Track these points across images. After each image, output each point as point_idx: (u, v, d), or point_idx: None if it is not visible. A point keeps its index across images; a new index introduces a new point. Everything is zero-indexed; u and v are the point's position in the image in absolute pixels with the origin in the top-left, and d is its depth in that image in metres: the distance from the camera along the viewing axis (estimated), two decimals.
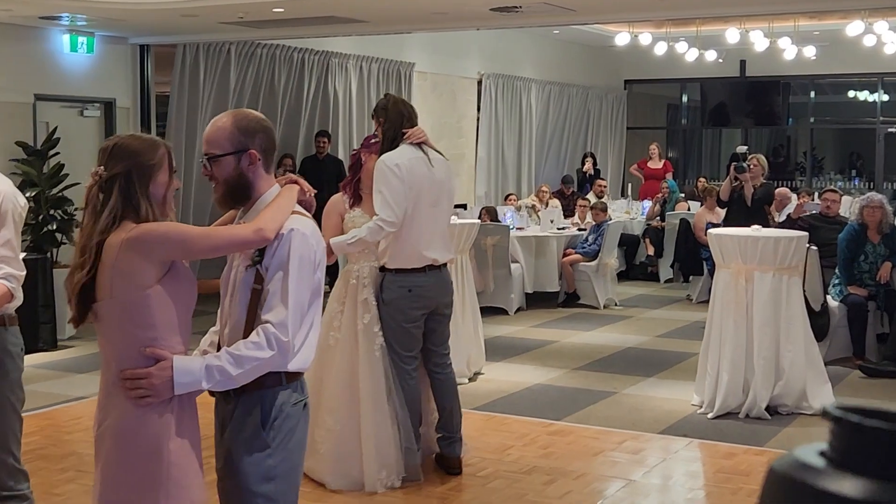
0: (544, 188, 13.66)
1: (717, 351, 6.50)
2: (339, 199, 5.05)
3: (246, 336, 2.70)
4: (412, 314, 4.88)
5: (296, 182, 2.94)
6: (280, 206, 2.79)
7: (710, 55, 15.23)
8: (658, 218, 13.00)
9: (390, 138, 4.89)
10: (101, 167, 2.69)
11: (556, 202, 13.52)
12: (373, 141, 4.95)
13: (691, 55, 14.80)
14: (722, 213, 9.90)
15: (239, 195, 2.82)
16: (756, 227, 6.79)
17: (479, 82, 14.68)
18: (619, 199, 14.93)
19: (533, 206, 13.20)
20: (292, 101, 11.68)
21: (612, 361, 8.16)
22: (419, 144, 4.89)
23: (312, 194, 2.97)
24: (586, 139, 17.35)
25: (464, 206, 13.73)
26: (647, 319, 10.17)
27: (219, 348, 2.81)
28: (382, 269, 4.92)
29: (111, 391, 2.65)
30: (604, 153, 17.64)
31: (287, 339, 2.69)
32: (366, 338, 4.87)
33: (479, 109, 14.71)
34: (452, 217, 7.70)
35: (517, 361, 8.13)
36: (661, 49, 14.51)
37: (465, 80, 14.52)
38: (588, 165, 15.22)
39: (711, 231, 6.71)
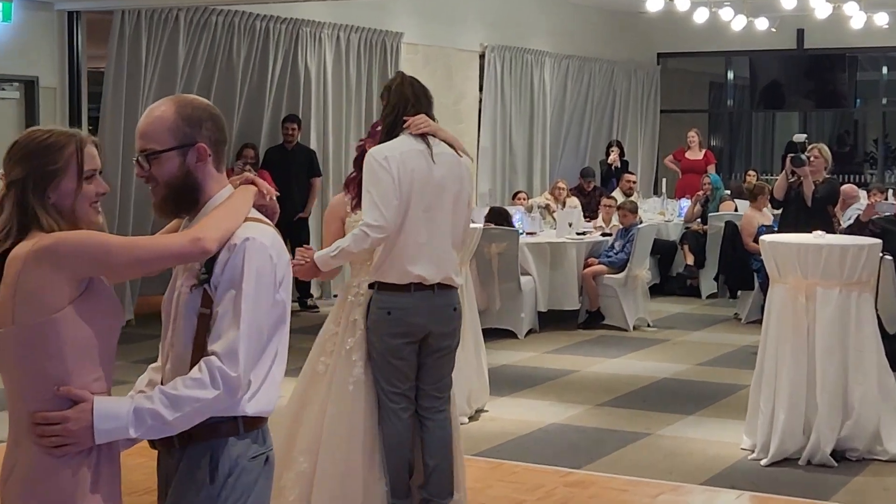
0: (560, 184, 13.66)
1: (771, 383, 6.47)
2: (340, 201, 5.04)
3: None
4: (390, 343, 4.80)
5: (252, 182, 2.89)
6: (230, 210, 2.76)
7: (762, 23, 15.23)
8: (699, 220, 13.00)
9: (389, 126, 4.82)
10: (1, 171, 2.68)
11: (574, 201, 13.50)
12: (378, 129, 4.89)
13: (738, 23, 14.80)
14: (776, 214, 9.87)
15: (184, 199, 2.80)
16: (818, 232, 6.77)
17: (482, 56, 14.68)
18: (651, 198, 14.94)
19: (547, 206, 13.19)
20: (254, 80, 11.65)
21: (644, 395, 8.14)
22: (423, 136, 4.79)
23: (273, 197, 2.92)
24: (611, 125, 17.36)
25: None
26: (687, 344, 10.16)
27: None
28: (371, 284, 4.87)
29: (19, 437, 2.62)
30: (633, 141, 17.65)
31: (236, 373, 2.65)
32: (344, 366, 4.83)
33: (481, 89, 14.71)
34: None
35: (528, 396, 8.10)
36: (701, 16, 14.50)
37: (465, 54, 14.51)
38: (613, 156, 15.23)
39: (764, 237, 6.69)
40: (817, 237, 6.59)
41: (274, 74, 11.81)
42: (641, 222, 11.20)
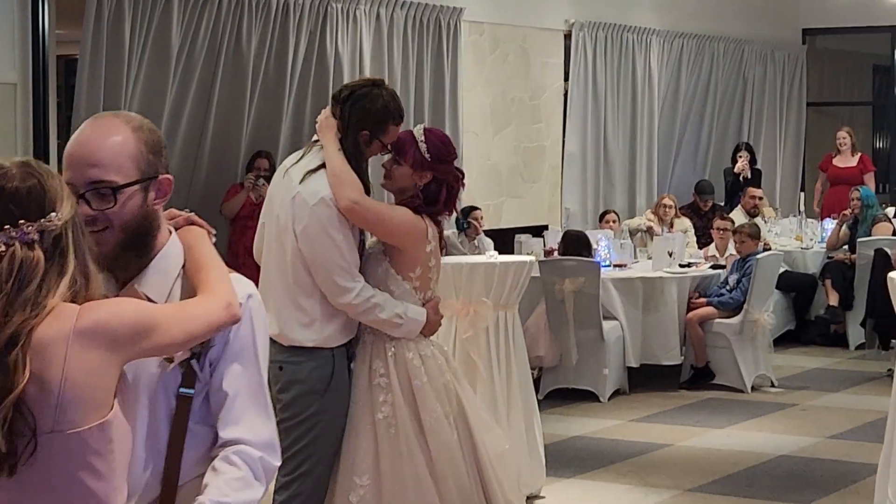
0: (667, 200, 13.58)
1: None
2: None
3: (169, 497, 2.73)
4: None
5: (194, 223, 3.02)
6: (218, 264, 2.87)
7: None
8: (845, 247, 12.82)
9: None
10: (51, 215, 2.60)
11: (685, 222, 13.44)
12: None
13: None
14: None
15: (140, 247, 2.86)
16: None
17: (567, 36, 14.68)
18: (790, 217, 14.76)
19: (649, 230, 13.14)
20: (271, 71, 11.76)
21: (751, 478, 8.07)
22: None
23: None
24: (741, 123, 17.23)
25: (544, 229, 13.71)
26: (819, 410, 10.05)
27: None
28: None
29: None
30: (769, 144, 17.50)
31: (278, 462, 2.82)
32: None
33: (566, 79, 14.70)
34: (491, 253, 7.74)
35: (600, 477, 8.09)
36: None
37: (546, 34, 14.51)
38: (742, 164, 15.14)
39: (893, 275, 6.55)
40: None
41: (296, 64, 11.90)
42: (763, 250, 11.08)
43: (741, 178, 14.98)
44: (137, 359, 2.63)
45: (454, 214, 5.47)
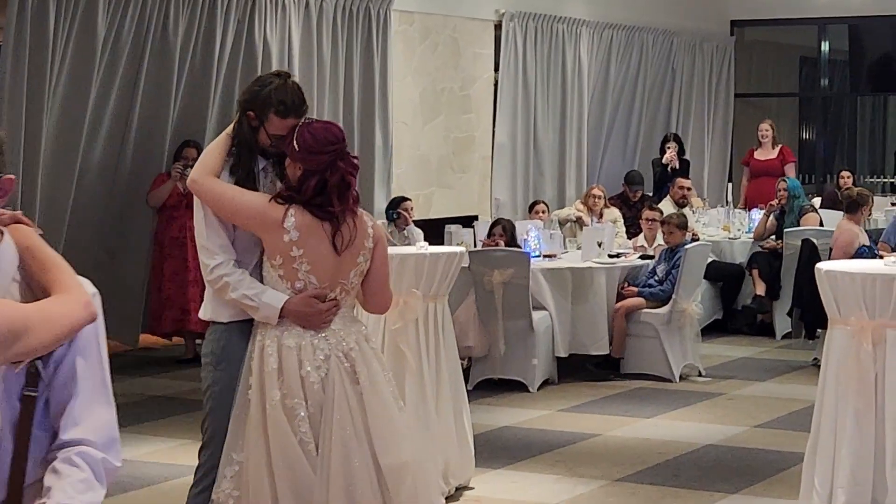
0: (596, 191, 13.62)
1: (828, 456, 6.38)
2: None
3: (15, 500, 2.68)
4: None
5: (20, 222, 2.93)
6: (63, 262, 2.84)
7: None
8: (773, 237, 12.91)
9: None
10: None
11: (614, 212, 13.49)
12: None
13: None
14: None
15: None
16: (891, 258, 6.67)
17: (498, 26, 14.68)
18: (718, 208, 14.86)
19: (579, 220, 13.17)
20: (198, 60, 11.69)
21: (678, 468, 8.07)
22: None
23: None
24: (669, 114, 17.33)
25: (474, 219, 13.71)
26: (745, 399, 10.08)
27: None
28: None
29: None
30: (698, 135, 17.62)
31: (120, 463, 2.80)
32: None
33: (497, 69, 14.70)
34: (421, 244, 7.73)
35: (529, 468, 8.08)
36: None
37: (476, 24, 14.51)
38: (670, 154, 15.21)
39: (820, 265, 6.61)
40: (888, 264, 6.50)
41: (223, 53, 11.83)
42: (691, 241, 11.13)
43: (669, 169, 15.06)
44: (5, 363, 2.62)
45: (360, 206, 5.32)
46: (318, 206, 4.92)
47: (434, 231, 11.71)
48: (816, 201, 15.47)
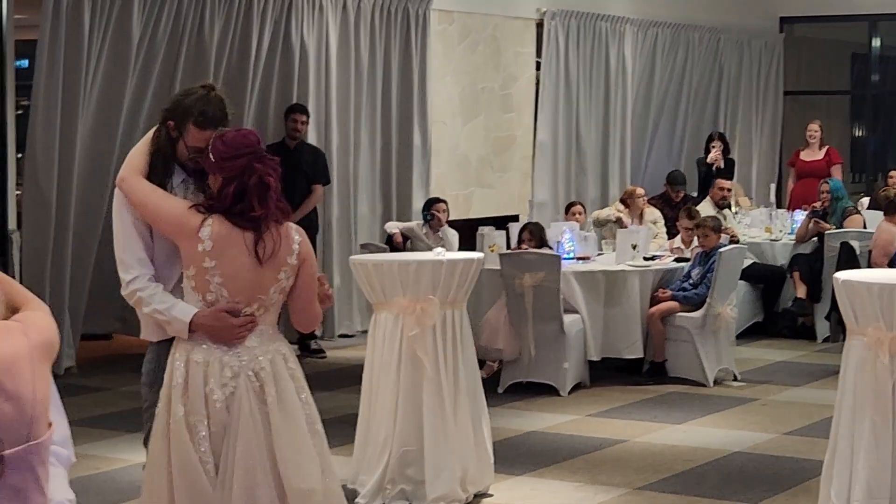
0: (637, 191, 13.52)
1: (846, 468, 6.31)
2: None
3: None
4: None
5: None
6: (11, 278, 2.86)
7: None
8: (815, 239, 12.78)
9: None
10: None
11: (654, 213, 13.38)
12: None
13: None
14: None
15: None
16: None
17: (540, 24, 14.64)
18: (761, 208, 14.73)
19: (618, 220, 13.09)
20: (234, 62, 11.74)
21: (702, 476, 8.00)
22: None
23: None
24: (717, 113, 17.22)
25: (514, 219, 13.68)
26: (779, 405, 10.00)
27: None
28: None
29: None
30: (745, 134, 17.50)
31: (75, 459, 2.95)
32: None
33: (538, 68, 14.66)
34: (438, 250, 7.71)
35: (551, 474, 8.02)
36: None
37: (517, 23, 14.47)
38: (714, 154, 15.08)
39: (839, 275, 6.54)
40: None
41: (259, 54, 11.88)
42: (727, 244, 11.04)
43: (714, 168, 14.93)
44: None
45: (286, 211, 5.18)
46: (239, 213, 4.79)
47: (473, 232, 11.69)
48: (865, 201, 15.34)
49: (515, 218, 13.89)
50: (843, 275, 6.59)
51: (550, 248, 10.74)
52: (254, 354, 4.82)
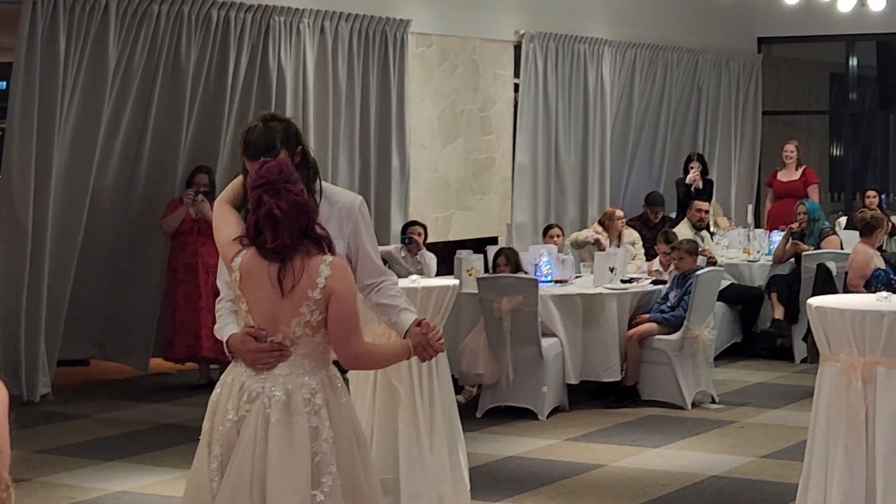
0: (616, 213, 13.52)
1: (820, 492, 6.30)
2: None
3: None
4: None
5: None
6: None
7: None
8: (792, 260, 12.80)
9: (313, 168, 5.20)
10: None
11: (632, 234, 13.38)
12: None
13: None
14: None
15: None
16: (882, 293, 6.58)
17: (518, 46, 14.64)
18: (739, 229, 14.73)
19: (597, 242, 13.08)
20: (211, 86, 11.71)
21: (681, 500, 8.00)
22: None
23: None
24: (696, 133, 17.24)
25: (493, 241, 13.68)
26: (756, 427, 9.99)
27: None
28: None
29: None
30: (724, 154, 17.52)
31: None
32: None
33: (517, 90, 14.65)
34: (413, 278, 7.70)
35: (526, 500, 8.01)
36: None
37: (495, 45, 14.47)
38: (693, 174, 15.08)
39: (811, 301, 6.54)
40: (880, 300, 6.42)
41: (237, 77, 11.85)
42: (703, 266, 11.04)
43: (693, 189, 14.94)
44: None
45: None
46: (262, 245, 4.87)
47: (452, 254, 11.65)
48: (843, 220, 15.38)
49: (495, 240, 13.89)
50: (816, 300, 6.59)
51: (526, 272, 10.75)
52: (277, 382, 4.77)
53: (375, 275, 5.25)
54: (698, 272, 10.70)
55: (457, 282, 7.94)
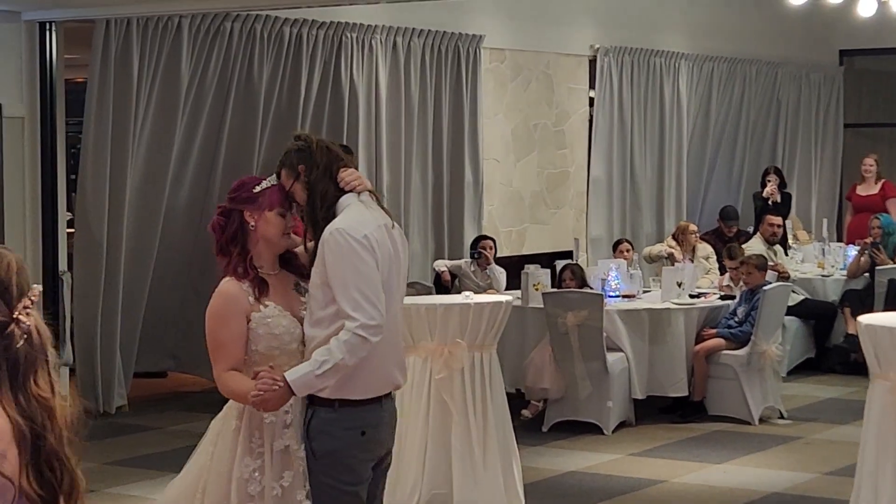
0: (690, 227, 13.43)
1: None
2: (237, 291, 4.87)
3: None
4: (360, 471, 4.85)
5: None
6: None
7: None
8: (867, 275, 12.65)
9: (321, 192, 4.84)
10: None
11: (707, 249, 13.29)
12: (256, 190, 4.99)
13: None
14: None
15: None
16: None
17: (593, 61, 14.61)
18: (815, 243, 14.58)
19: (670, 256, 13.00)
20: (284, 102, 11.81)
21: None
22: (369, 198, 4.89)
23: None
24: (775, 147, 17.09)
25: (569, 255, 13.65)
26: (823, 443, 9.90)
27: None
28: (317, 401, 4.78)
29: None
30: (804, 168, 17.33)
31: None
32: None
33: (592, 104, 14.63)
34: (467, 294, 7.73)
35: None
36: None
37: (570, 59, 14.46)
38: (770, 188, 14.93)
39: (862, 319, 6.48)
40: None
41: (309, 94, 11.94)
42: (786, 276, 10.95)
43: (770, 203, 14.80)
44: None
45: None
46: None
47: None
48: None
49: (570, 255, 13.84)
50: (866, 318, 6.54)
51: (591, 287, 10.72)
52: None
53: (322, 308, 4.77)
54: (766, 287, 10.61)
55: (510, 298, 7.95)
